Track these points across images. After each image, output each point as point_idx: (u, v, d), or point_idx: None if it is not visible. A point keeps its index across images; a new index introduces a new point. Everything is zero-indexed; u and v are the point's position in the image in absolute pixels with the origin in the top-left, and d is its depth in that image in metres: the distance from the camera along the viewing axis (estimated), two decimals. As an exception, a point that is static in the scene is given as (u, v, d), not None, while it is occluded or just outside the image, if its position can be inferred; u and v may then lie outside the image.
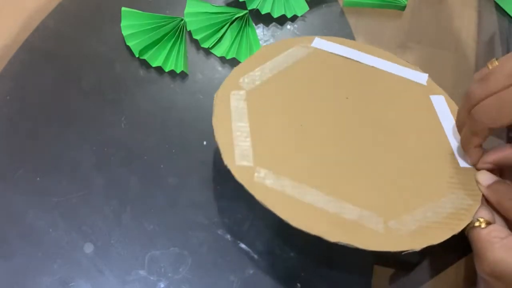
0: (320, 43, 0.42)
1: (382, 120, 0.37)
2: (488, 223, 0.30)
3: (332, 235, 0.30)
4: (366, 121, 0.37)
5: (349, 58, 0.41)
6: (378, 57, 0.41)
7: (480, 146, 0.33)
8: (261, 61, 0.40)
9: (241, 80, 0.38)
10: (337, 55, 0.41)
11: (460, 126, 0.35)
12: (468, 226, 0.31)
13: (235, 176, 0.32)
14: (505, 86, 0.29)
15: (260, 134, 0.35)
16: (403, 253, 0.30)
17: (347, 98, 0.38)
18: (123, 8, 0.46)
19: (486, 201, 0.33)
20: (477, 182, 0.33)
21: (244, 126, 0.35)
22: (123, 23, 0.45)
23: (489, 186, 0.32)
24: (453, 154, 0.35)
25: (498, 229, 0.30)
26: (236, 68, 0.39)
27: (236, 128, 0.35)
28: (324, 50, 0.41)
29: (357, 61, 0.41)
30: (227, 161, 0.33)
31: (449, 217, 0.31)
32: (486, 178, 0.33)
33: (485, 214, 0.31)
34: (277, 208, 0.30)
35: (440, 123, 0.37)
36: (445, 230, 0.31)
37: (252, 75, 0.39)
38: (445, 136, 0.36)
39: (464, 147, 0.34)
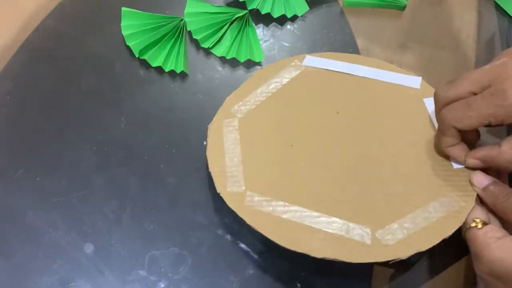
0: (311, 60, 0.42)
1: (373, 130, 0.37)
2: (484, 224, 0.31)
3: (318, 252, 0.31)
4: (356, 133, 0.37)
5: (340, 72, 0.41)
6: (370, 66, 0.41)
7: (456, 145, 0.33)
8: (254, 86, 0.41)
9: (234, 108, 0.39)
10: (328, 70, 0.41)
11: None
12: (465, 227, 0.31)
13: (227, 202, 0.34)
14: (469, 91, 0.31)
15: (252, 159, 0.36)
16: (390, 263, 0.30)
17: (337, 112, 0.38)
18: (123, 8, 0.46)
19: (481, 201, 0.33)
20: (472, 184, 0.33)
21: (236, 154, 0.36)
22: (123, 23, 0.45)
23: (484, 188, 0.32)
24: (446, 156, 0.35)
25: (494, 229, 0.30)
26: (230, 96, 0.40)
27: (228, 157, 0.36)
28: (315, 67, 0.42)
29: (349, 74, 0.41)
30: (219, 188, 0.35)
31: (440, 221, 0.32)
32: (481, 179, 0.33)
33: (481, 215, 0.31)
34: (266, 230, 0.32)
35: (434, 126, 0.37)
36: (435, 235, 0.31)
37: (245, 101, 0.40)
38: None
39: (438, 147, 0.35)
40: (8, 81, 0.43)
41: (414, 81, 0.40)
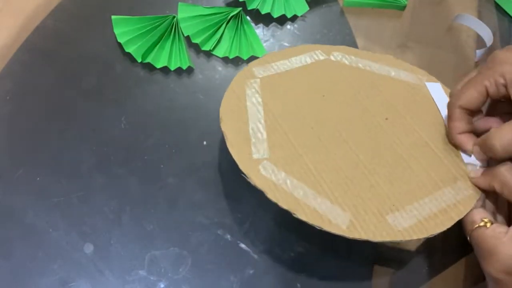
0: (337, 55, 0.42)
1: (387, 124, 0.37)
2: (491, 223, 0.30)
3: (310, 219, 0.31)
4: (371, 125, 0.37)
5: (362, 68, 0.41)
6: (386, 64, 0.42)
7: (465, 133, 0.34)
8: (277, 58, 0.41)
9: (256, 69, 0.40)
10: (352, 65, 0.41)
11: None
12: (470, 227, 0.31)
13: (233, 155, 0.34)
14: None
15: (274, 128, 0.36)
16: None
17: (354, 102, 0.38)
18: (113, 17, 0.45)
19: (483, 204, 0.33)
20: (470, 178, 0.33)
21: (259, 120, 0.36)
22: (116, 31, 0.45)
23: (483, 173, 0.33)
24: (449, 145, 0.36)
25: (500, 225, 0.30)
26: (251, 62, 0.41)
27: (252, 122, 0.36)
28: (337, 61, 0.42)
29: (368, 70, 0.41)
30: (232, 149, 0.34)
31: (447, 209, 0.32)
32: (478, 171, 0.33)
33: (487, 215, 0.31)
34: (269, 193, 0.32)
35: (442, 117, 0.38)
36: (445, 221, 0.31)
37: (268, 67, 0.40)
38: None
39: (449, 137, 0.35)
40: (8, 81, 0.43)
41: (421, 79, 0.41)
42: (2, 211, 0.37)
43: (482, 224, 0.30)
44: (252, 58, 0.45)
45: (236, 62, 0.45)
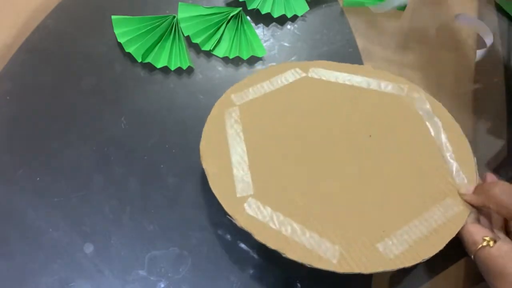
0: (315, 71, 0.42)
1: (371, 142, 0.37)
2: (495, 241, 0.30)
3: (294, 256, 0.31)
4: (355, 146, 0.37)
5: (341, 83, 0.41)
6: (366, 75, 0.41)
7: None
8: (254, 82, 0.41)
9: (234, 96, 0.39)
10: (330, 81, 0.41)
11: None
12: (474, 247, 0.31)
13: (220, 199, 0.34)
14: None
15: (258, 163, 0.35)
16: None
17: (337, 123, 0.38)
18: (113, 17, 0.45)
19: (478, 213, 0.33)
20: (461, 194, 0.33)
21: (241, 155, 0.36)
22: (116, 31, 0.45)
23: (475, 190, 0.32)
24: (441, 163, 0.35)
25: (503, 243, 0.29)
26: (228, 90, 0.40)
27: (234, 158, 0.36)
28: (315, 78, 0.41)
29: (348, 84, 0.41)
30: (221, 190, 0.34)
31: (440, 228, 0.32)
32: (469, 187, 0.33)
33: (488, 233, 0.31)
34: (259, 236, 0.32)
35: (427, 129, 0.37)
36: (438, 241, 0.31)
37: (245, 92, 0.40)
38: (434, 149, 0.37)
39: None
40: (8, 81, 0.43)
41: (403, 89, 0.40)
42: (2, 211, 0.37)
43: (485, 243, 0.30)
44: (252, 58, 0.45)
45: (236, 62, 0.45)
